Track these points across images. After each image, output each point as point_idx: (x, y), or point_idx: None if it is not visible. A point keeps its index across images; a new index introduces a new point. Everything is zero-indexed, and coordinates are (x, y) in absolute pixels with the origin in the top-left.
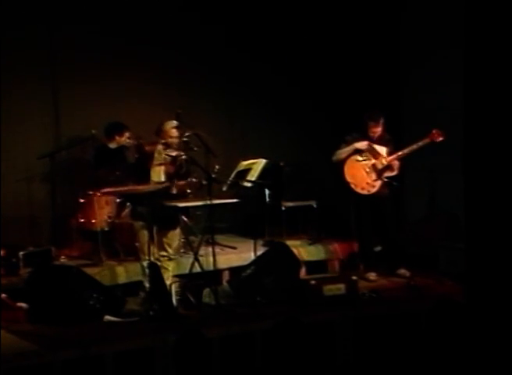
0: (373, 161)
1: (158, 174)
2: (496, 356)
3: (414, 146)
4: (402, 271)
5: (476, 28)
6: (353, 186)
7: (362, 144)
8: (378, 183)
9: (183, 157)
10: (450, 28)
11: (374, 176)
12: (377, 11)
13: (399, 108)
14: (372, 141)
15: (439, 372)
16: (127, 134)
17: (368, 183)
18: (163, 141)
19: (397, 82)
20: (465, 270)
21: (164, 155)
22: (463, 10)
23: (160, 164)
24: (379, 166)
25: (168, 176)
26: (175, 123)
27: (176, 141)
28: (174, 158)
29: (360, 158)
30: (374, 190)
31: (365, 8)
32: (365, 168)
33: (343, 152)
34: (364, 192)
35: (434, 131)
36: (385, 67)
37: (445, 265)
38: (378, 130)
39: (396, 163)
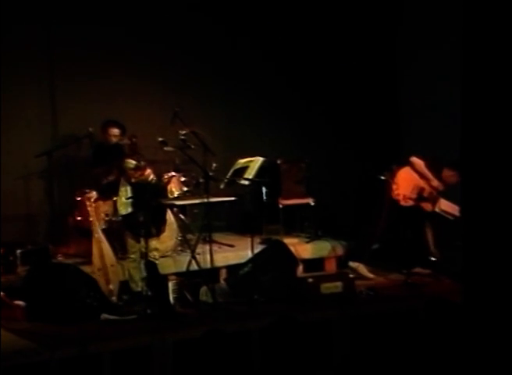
0: (424, 184)
1: (126, 207)
2: (492, 354)
3: None
4: (418, 269)
5: (474, 29)
6: (394, 189)
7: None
8: (409, 203)
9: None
10: (449, 29)
11: (414, 196)
12: (376, 13)
13: (397, 108)
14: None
15: (436, 370)
16: (116, 131)
17: (404, 196)
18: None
19: (395, 81)
20: (462, 268)
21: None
22: (461, 11)
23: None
24: (424, 193)
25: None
26: (133, 163)
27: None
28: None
29: (419, 172)
30: (404, 204)
31: (364, 11)
32: (415, 183)
33: (424, 173)
34: (396, 200)
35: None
36: (384, 66)
37: (442, 263)
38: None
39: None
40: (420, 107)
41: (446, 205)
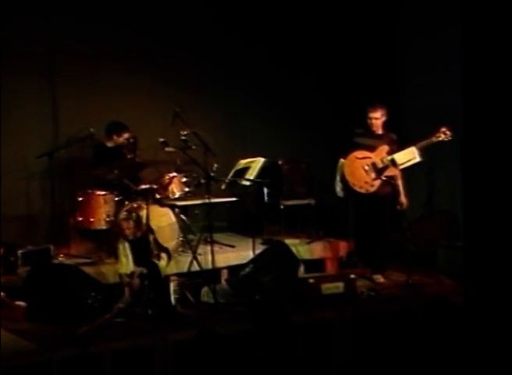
0: (373, 159)
1: (126, 266)
2: (492, 354)
3: (424, 143)
4: (376, 276)
5: (475, 28)
6: (351, 185)
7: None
8: (378, 183)
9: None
10: (450, 27)
11: (373, 175)
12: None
13: (398, 106)
14: (374, 134)
15: (437, 370)
16: (126, 135)
17: (366, 182)
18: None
19: (396, 80)
20: (463, 269)
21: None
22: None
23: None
24: (379, 165)
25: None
26: None
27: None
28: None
29: (359, 156)
30: (372, 189)
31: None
32: (364, 166)
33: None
34: (363, 191)
35: (443, 129)
36: (385, 65)
37: (443, 263)
38: (377, 117)
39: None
40: (421, 107)
41: (401, 158)
